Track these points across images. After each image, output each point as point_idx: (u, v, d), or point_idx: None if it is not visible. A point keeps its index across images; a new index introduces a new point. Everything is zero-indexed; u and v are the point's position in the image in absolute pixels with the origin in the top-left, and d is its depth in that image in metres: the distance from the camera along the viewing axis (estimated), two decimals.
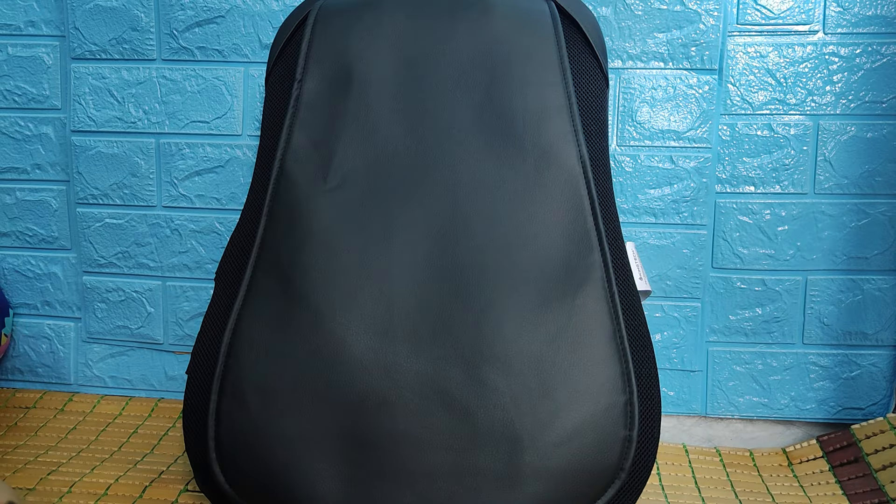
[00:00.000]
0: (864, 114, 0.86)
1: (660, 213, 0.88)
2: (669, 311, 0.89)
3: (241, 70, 0.91)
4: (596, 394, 0.61)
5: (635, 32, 0.87)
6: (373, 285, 0.62)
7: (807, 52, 0.86)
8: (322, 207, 0.64)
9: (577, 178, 0.65)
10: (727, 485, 0.79)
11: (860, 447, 0.81)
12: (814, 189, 0.87)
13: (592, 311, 0.62)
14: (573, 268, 0.63)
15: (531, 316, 0.62)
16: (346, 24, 0.69)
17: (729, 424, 0.91)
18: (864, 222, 0.87)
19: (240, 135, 0.92)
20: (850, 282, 0.88)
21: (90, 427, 0.88)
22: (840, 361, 0.89)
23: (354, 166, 0.65)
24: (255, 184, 0.68)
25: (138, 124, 0.93)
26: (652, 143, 0.88)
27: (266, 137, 0.69)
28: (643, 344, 0.64)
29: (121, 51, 0.92)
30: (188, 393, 0.65)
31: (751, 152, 0.88)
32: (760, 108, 0.87)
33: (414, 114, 0.66)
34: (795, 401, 0.89)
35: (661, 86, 0.87)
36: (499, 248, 0.63)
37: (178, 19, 0.91)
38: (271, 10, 0.90)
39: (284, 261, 0.64)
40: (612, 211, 0.66)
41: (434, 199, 0.64)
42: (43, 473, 0.76)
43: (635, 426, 0.61)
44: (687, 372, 0.90)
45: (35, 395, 0.94)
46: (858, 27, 0.85)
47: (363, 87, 0.67)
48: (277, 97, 0.70)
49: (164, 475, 0.77)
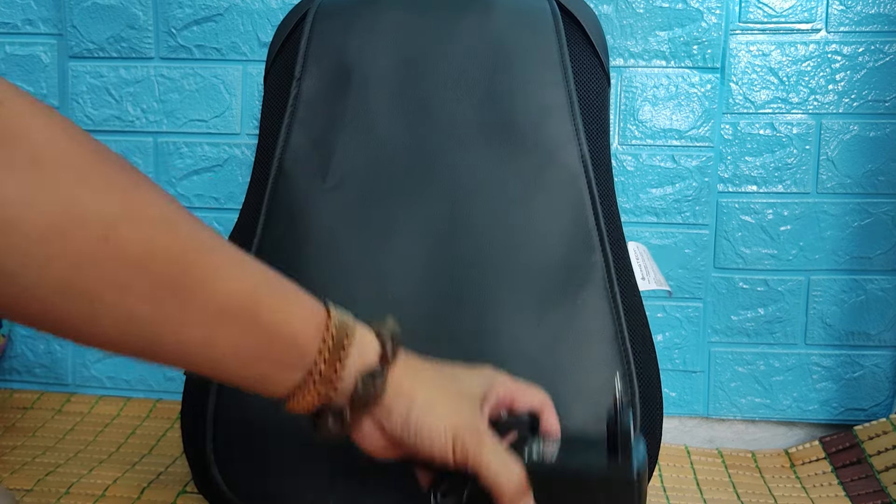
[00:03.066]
0: (866, 113, 0.86)
1: (661, 213, 0.88)
2: (671, 312, 0.89)
3: (240, 68, 0.90)
4: (597, 394, 0.60)
5: (637, 30, 0.86)
6: (372, 285, 0.62)
7: (809, 51, 0.86)
8: (321, 206, 0.64)
9: (578, 178, 0.64)
10: (729, 486, 0.79)
11: (863, 448, 0.80)
12: (816, 188, 0.87)
13: (594, 312, 0.62)
14: (574, 268, 0.63)
15: (532, 316, 0.61)
16: (345, 22, 0.68)
17: (731, 425, 0.90)
18: (866, 222, 0.87)
19: (238, 133, 0.91)
20: (852, 282, 0.88)
21: (88, 428, 0.88)
22: (843, 362, 0.88)
23: (354, 165, 0.65)
24: (254, 183, 0.68)
25: (136, 123, 0.92)
26: (654, 142, 0.87)
27: (265, 136, 0.69)
28: (645, 344, 0.64)
29: (119, 49, 0.91)
30: (186, 394, 0.65)
31: (753, 151, 0.87)
32: (763, 106, 0.87)
33: (414, 113, 0.66)
34: (798, 402, 0.89)
35: (663, 84, 0.87)
36: (499, 248, 0.62)
37: (177, 17, 0.90)
38: (270, 9, 0.89)
39: (283, 260, 0.63)
40: (613, 210, 0.66)
41: (434, 198, 0.64)
42: (41, 474, 0.76)
43: (637, 427, 0.61)
44: (689, 373, 0.90)
45: (33, 396, 0.94)
46: (861, 26, 0.85)
47: (362, 85, 0.66)
48: (276, 96, 0.69)
49: (162, 476, 0.76)
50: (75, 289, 0.35)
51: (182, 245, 0.38)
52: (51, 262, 0.34)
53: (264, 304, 0.41)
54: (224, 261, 0.40)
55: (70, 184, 0.34)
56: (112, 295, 0.36)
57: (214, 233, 0.41)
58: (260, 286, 0.41)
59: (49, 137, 0.35)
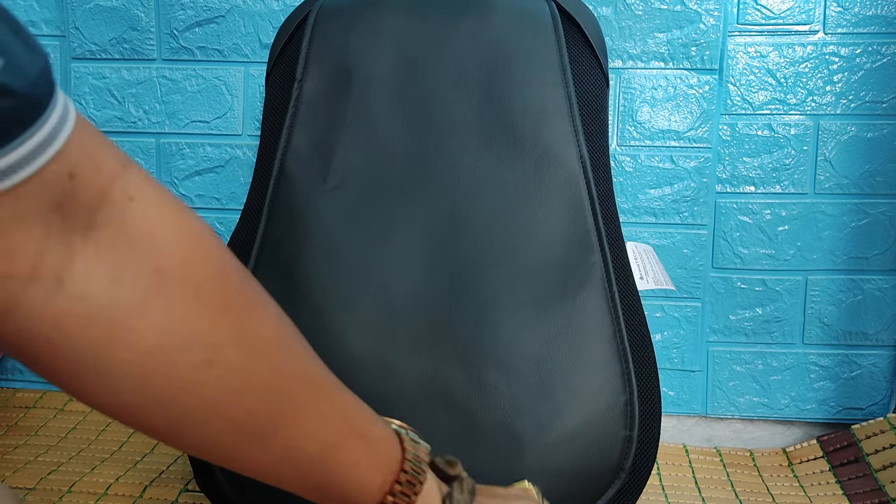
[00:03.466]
0: (864, 114, 0.86)
1: (660, 213, 0.88)
2: (670, 311, 0.89)
3: (242, 70, 0.91)
4: (596, 394, 0.61)
5: (636, 32, 0.87)
6: (373, 285, 0.62)
7: (807, 52, 0.86)
8: (322, 207, 0.64)
9: (577, 179, 0.65)
10: (727, 485, 0.79)
11: (860, 447, 0.81)
12: (814, 189, 0.87)
13: (592, 312, 0.62)
14: (573, 268, 0.63)
15: (531, 316, 0.61)
16: (346, 23, 0.69)
17: (729, 424, 0.91)
18: (864, 222, 0.87)
19: (240, 134, 0.92)
20: (850, 282, 0.88)
21: (90, 427, 0.88)
22: (840, 361, 0.89)
23: (354, 166, 0.65)
24: (256, 183, 0.68)
25: (138, 124, 0.93)
26: (652, 143, 0.88)
27: (266, 137, 0.69)
28: (643, 344, 0.64)
29: (121, 50, 0.92)
30: None
31: (751, 152, 0.88)
32: (761, 107, 0.87)
33: (414, 113, 0.66)
34: (796, 401, 0.89)
35: (662, 86, 0.87)
36: (499, 248, 0.63)
37: (179, 19, 0.91)
38: (271, 10, 0.90)
39: (284, 260, 0.64)
40: (612, 211, 0.66)
41: (434, 198, 0.64)
42: (43, 473, 0.76)
43: (636, 426, 0.61)
44: (687, 372, 0.90)
45: (35, 395, 0.94)
46: (859, 27, 0.85)
47: (363, 86, 0.67)
48: (278, 97, 0.70)
49: (164, 475, 0.77)
50: (168, 405, 0.34)
51: (279, 379, 0.36)
52: (150, 379, 0.33)
53: (342, 450, 0.39)
54: (316, 397, 0.38)
55: (187, 299, 0.33)
56: (202, 417, 0.35)
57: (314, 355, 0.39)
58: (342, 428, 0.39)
59: (176, 243, 0.33)
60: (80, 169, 0.31)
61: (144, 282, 0.32)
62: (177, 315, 0.33)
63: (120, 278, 0.31)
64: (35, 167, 0.29)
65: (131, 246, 0.32)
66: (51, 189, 0.30)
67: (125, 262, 0.32)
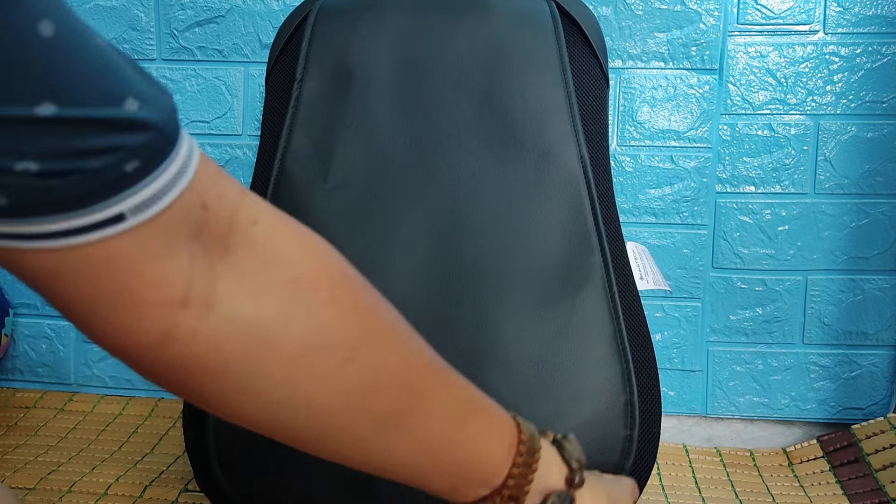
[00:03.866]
0: (864, 114, 0.86)
1: (660, 213, 0.88)
2: (670, 311, 0.89)
3: (242, 70, 0.91)
4: (596, 394, 0.61)
5: (636, 32, 0.87)
6: (372, 284, 0.62)
7: (807, 52, 0.86)
8: (322, 207, 0.64)
9: (577, 179, 0.65)
10: (727, 485, 0.79)
11: (860, 447, 0.81)
12: (814, 189, 0.87)
13: (593, 312, 0.62)
14: (573, 268, 0.63)
15: (531, 316, 0.61)
16: (346, 23, 0.69)
17: (729, 424, 0.91)
18: (864, 222, 0.87)
19: (240, 135, 0.92)
20: (850, 282, 0.88)
21: (90, 427, 0.88)
22: (840, 361, 0.89)
23: (354, 166, 0.65)
24: (256, 184, 0.68)
25: None
26: (652, 143, 0.88)
27: (266, 137, 0.69)
28: (643, 344, 0.64)
29: (121, 50, 0.92)
30: None
31: (751, 152, 0.88)
32: (761, 107, 0.87)
33: (414, 114, 0.66)
34: (796, 401, 0.89)
35: (662, 85, 0.87)
36: (499, 249, 0.63)
37: (178, 19, 0.91)
38: (271, 10, 0.90)
39: None
40: (612, 211, 0.66)
41: (434, 199, 0.64)
42: (43, 473, 0.76)
43: (636, 426, 0.61)
44: (687, 372, 0.90)
45: (35, 395, 0.94)
46: (859, 27, 0.85)
47: (363, 86, 0.67)
48: (278, 97, 0.70)
49: (164, 475, 0.77)
50: (314, 410, 0.35)
51: (410, 368, 0.39)
52: (299, 384, 0.34)
53: (469, 425, 0.41)
54: (441, 381, 0.41)
55: (323, 305, 0.35)
56: (345, 415, 0.36)
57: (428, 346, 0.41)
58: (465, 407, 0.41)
59: (302, 256, 0.36)
60: (209, 199, 0.33)
61: (283, 294, 0.34)
62: (317, 320, 0.35)
63: (261, 294, 0.34)
64: (172, 196, 0.31)
65: (264, 264, 0.34)
66: (188, 218, 0.32)
67: (262, 279, 0.34)
